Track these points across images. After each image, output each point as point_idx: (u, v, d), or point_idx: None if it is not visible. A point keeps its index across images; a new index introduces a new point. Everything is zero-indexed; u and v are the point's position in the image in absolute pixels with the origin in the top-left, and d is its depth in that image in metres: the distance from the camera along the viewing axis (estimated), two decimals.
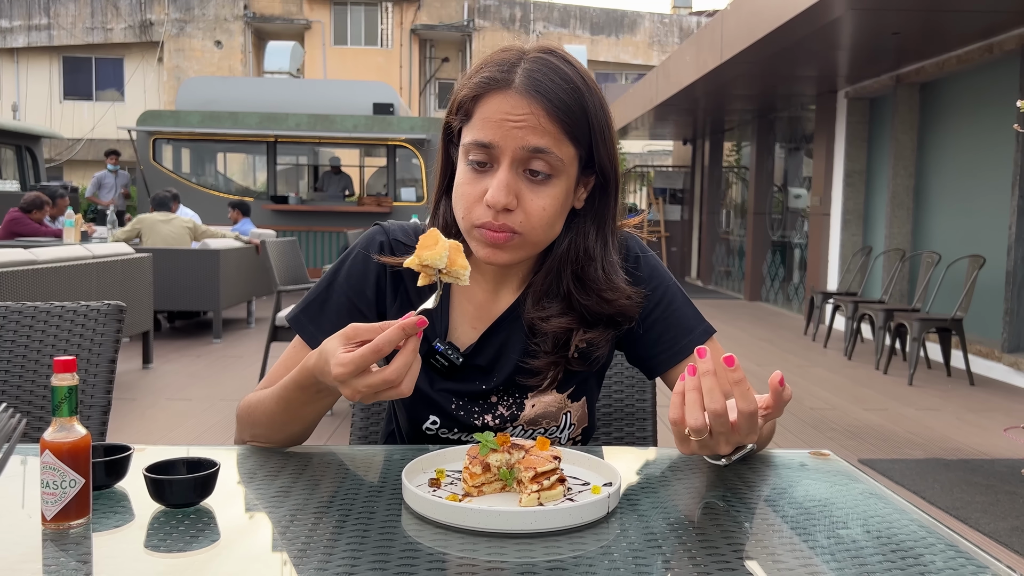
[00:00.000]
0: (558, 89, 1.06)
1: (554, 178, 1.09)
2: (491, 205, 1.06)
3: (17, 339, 1.46)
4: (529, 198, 1.08)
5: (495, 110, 1.06)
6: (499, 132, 1.06)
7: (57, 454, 0.81)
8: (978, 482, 3.67)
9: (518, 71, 1.07)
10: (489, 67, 1.09)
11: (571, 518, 0.84)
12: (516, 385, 1.19)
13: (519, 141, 1.06)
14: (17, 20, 23.68)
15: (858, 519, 0.90)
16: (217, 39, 23.78)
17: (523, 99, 1.06)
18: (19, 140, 12.20)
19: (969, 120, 7.14)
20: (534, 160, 1.07)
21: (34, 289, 4.47)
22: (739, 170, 12.97)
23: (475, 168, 1.09)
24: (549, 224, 1.11)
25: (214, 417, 4.50)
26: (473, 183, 1.09)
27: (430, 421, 1.19)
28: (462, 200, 1.11)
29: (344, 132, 11.57)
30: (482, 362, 1.19)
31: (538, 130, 1.06)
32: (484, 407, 1.19)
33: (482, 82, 1.08)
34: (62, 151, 23.26)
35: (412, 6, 23.82)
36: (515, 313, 1.20)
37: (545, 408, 1.19)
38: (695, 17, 25.04)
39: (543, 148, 1.06)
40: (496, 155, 1.07)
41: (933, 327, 5.90)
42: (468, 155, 1.09)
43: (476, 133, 1.08)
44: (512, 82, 1.06)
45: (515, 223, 1.07)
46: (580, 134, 1.09)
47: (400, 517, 0.87)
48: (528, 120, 1.05)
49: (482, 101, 1.08)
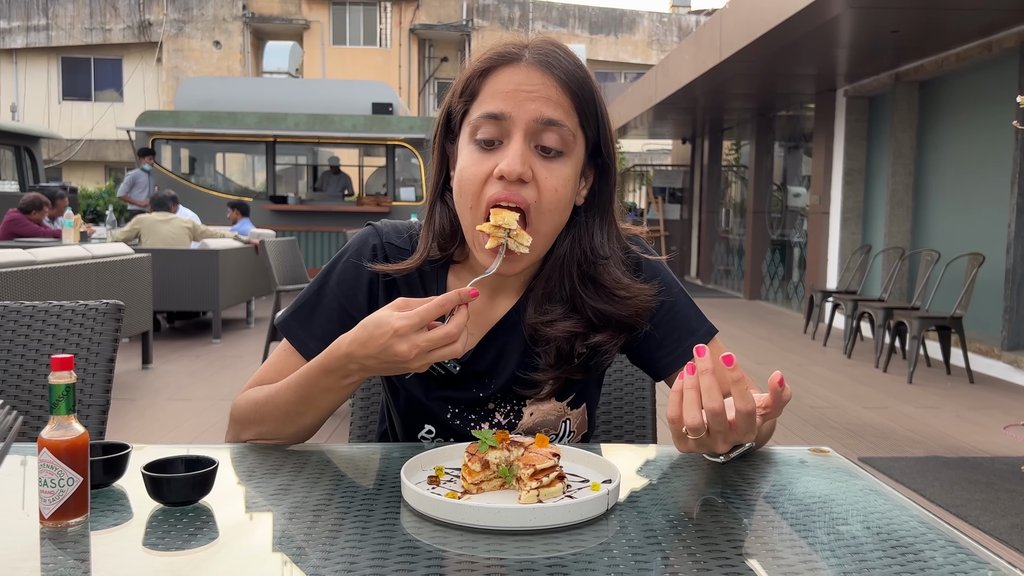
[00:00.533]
0: (569, 66, 1.05)
1: (565, 156, 1.05)
2: (506, 174, 1.01)
3: (16, 338, 1.46)
4: (543, 175, 1.04)
5: (507, 81, 1.04)
6: (512, 102, 1.03)
7: (55, 452, 0.81)
8: (978, 480, 3.66)
9: (526, 50, 1.06)
10: (495, 49, 1.07)
11: (570, 515, 0.84)
12: (514, 393, 1.16)
13: (533, 112, 1.03)
14: (16, 21, 23.67)
15: (858, 515, 0.90)
16: (216, 39, 23.77)
17: (536, 70, 1.04)
18: (18, 141, 12.18)
19: (968, 118, 7.14)
20: (547, 133, 1.04)
21: (33, 289, 4.47)
22: (738, 169, 12.97)
23: (482, 147, 1.05)
24: (560, 208, 1.07)
25: (214, 417, 4.50)
26: (480, 162, 1.05)
27: (425, 430, 1.17)
28: (469, 183, 1.05)
29: (343, 132, 11.58)
30: (480, 369, 1.16)
31: (552, 102, 1.03)
32: (481, 415, 1.17)
33: (491, 57, 1.06)
34: (61, 152, 23.24)
35: (411, 6, 23.81)
36: (513, 319, 1.16)
37: (544, 416, 1.17)
38: (694, 16, 25.04)
39: (557, 120, 1.03)
40: (508, 128, 1.03)
41: (933, 325, 5.90)
42: (475, 134, 1.05)
43: (487, 106, 1.04)
44: (523, 56, 1.05)
45: (529, 197, 1.03)
46: (589, 115, 1.07)
47: (399, 515, 0.87)
48: (542, 91, 1.03)
49: (491, 75, 1.05)
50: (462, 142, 1.09)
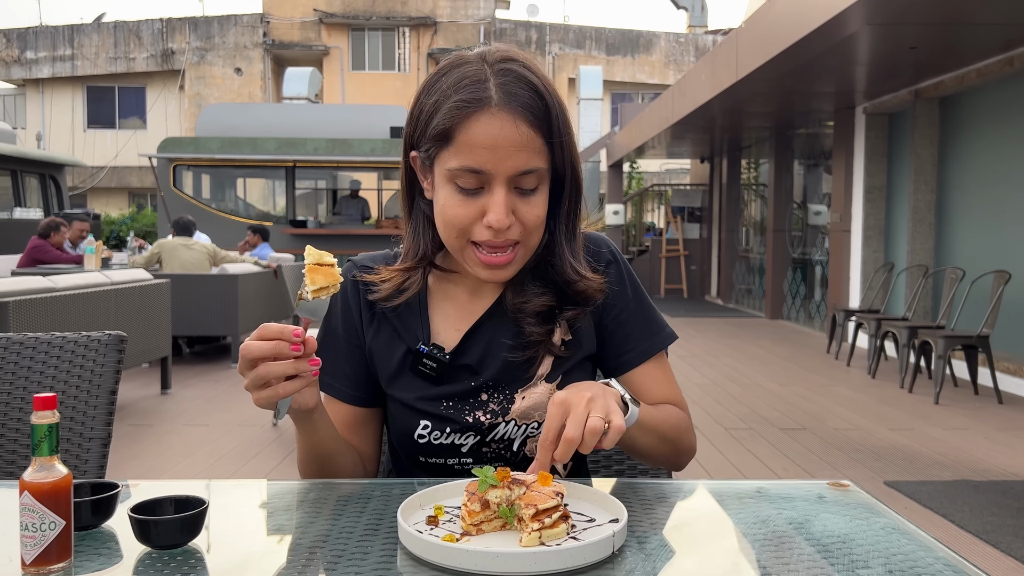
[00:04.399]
0: (529, 99, 1.08)
1: (540, 186, 1.11)
2: (497, 228, 1.07)
3: (18, 371, 1.44)
4: (524, 210, 1.10)
5: (483, 134, 1.06)
6: (492, 158, 1.06)
7: (36, 495, 0.78)
8: (1009, 504, 3.56)
9: (491, 86, 1.07)
10: (459, 90, 1.07)
11: (573, 559, 0.80)
12: (505, 380, 1.18)
13: (512, 168, 1.07)
14: (42, 51, 24.18)
15: (879, 557, 0.85)
16: (237, 66, 24.11)
17: (508, 117, 1.06)
18: (43, 169, 12.38)
19: (991, 133, 7.05)
20: (525, 178, 1.09)
21: (53, 316, 4.49)
22: (757, 187, 12.89)
23: (462, 192, 1.09)
24: (541, 227, 1.14)
25: (231, 443, 4.49)
26: (465, 205, 1.09)
27: (421, 427, 1.18)
28: (454, 222, 1.10)
29: (362, 156, 11.65)
30: (469, 360, 1.19)
31: (527, 149, 1.07)
32: (475, 404, 1.18)
33: (460, 106, 1.06)
34: (85, 179, 23.60)
35: (429, 30, 24.04)
36: (499, 310, 1.20)
37: (536, 400, 1.17)
38: (710, 36, 25.06)
39: (534, 168, 1.08)
40: (489, 179, 1.08)
41: (959, 344, 5.78)
42: (455, 180, 1.09)
43: (465, 159, 1.07)
44: (491, 99, 1.06)
45: (515, 235, 1.10)
46: (555, 135, 1.11)
47: (396, 558, 0.83)
48: (517, 140, 1.06)
49: (464, 125, 1.06)
50: (439, 176, 1.11)
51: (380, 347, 1.22)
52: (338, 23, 23.91)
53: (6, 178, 11.96)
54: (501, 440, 1.17)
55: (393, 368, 1.20)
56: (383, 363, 1.22)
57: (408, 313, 1.21)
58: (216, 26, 24.18)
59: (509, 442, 1.18)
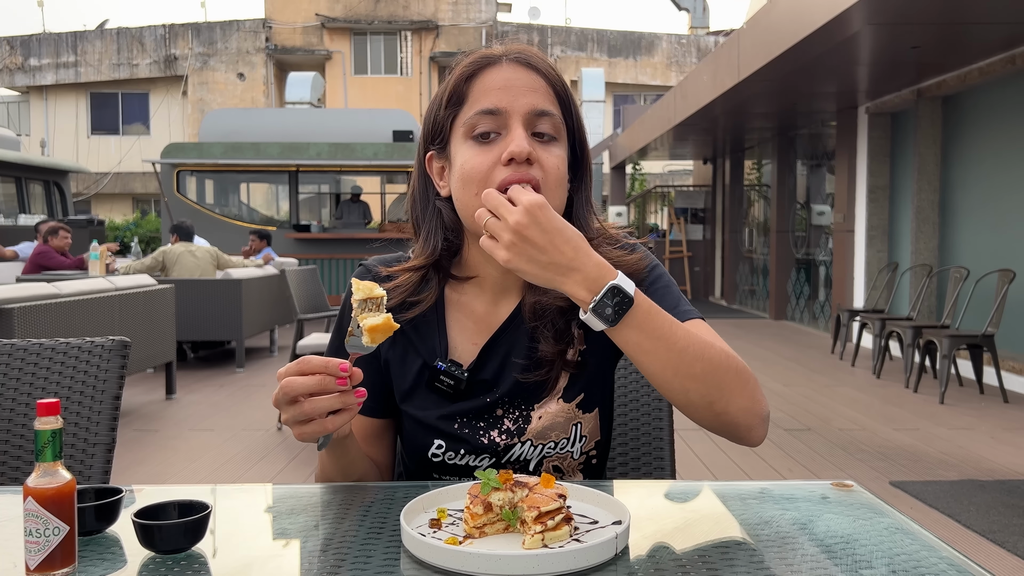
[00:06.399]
0: (547, 65, 1.13)
1: (558, 141, 1.12)
2: (516, 155, 1.05)
3: (23, 376, 1.45)
4: (544, 156, 1.09)
5: (496, 79, 1.10)
6: (506, 97, 1.09)
7: (40, 501, 0.78)
8: (1015, 504, 3.55)
9: (499, 52, 1.13)
10: (474, 57, 1.13)
11: (576, 561, 0.80)
12: (521, 395, 1.15)
13: (527, 105, 1.09)
14: (46, 58, 24.25)
15: (883, 557, 0.84)
16: (240, 71, 24.16)
17: (520, 68, 1.11)
18: (47, 175, 12.41)
19: (994, 132, 7.03)
20: (541, 122, 1.09)
21: (57, 322, 4.50)
22: (760, 188, 12.88)
23: (480, 141, 1.09)
24: (562, 185, 1.11)
25: (236, 447, 4.49)
26: (484, 153, 1.08)
27: (435, 446, 1.15)
28: (474, 173, 1.08)
29: (365, 160, 11.65)
30: (486, 376, 1.16)
31: (541, 94, 1.10)
32: (490, 422, 1.15)
33: (474, 62, 1.11)
34: (90, 185, 23.67)
35: (431, 34, 24.07)
36: (517, 321, 1.17)
37: (552, 419, 1.15)
38: (712, 37, 25.05)
39: (549, 111, 1.10)
40: (505, 120, 1.08)
41: (964, 344, 5.77)
42: (472, 131, 1.09)
43: (481, 103, 1.09)
44: (503, 58, 1.12)
45: (537, 175, 1.07)
46: (569, 108, 1.14)
47: (399, 561, 0.83)
48: (531, 84, 1.10)
49: (477, 79, 1.11)
50: (456, 144, 1.12)
51: (395, 360, 1.19)
52: (340, 27, 23.95)
53: (10, 185, 12.00)
54: (517, 461, 1.15)
55: (408, 383, 1.17)
56: (398, 377, 1.18)
57: (424, 326, 1.18)
58: (219, 32, 24.24)
59: (525, 463, 1.15)
